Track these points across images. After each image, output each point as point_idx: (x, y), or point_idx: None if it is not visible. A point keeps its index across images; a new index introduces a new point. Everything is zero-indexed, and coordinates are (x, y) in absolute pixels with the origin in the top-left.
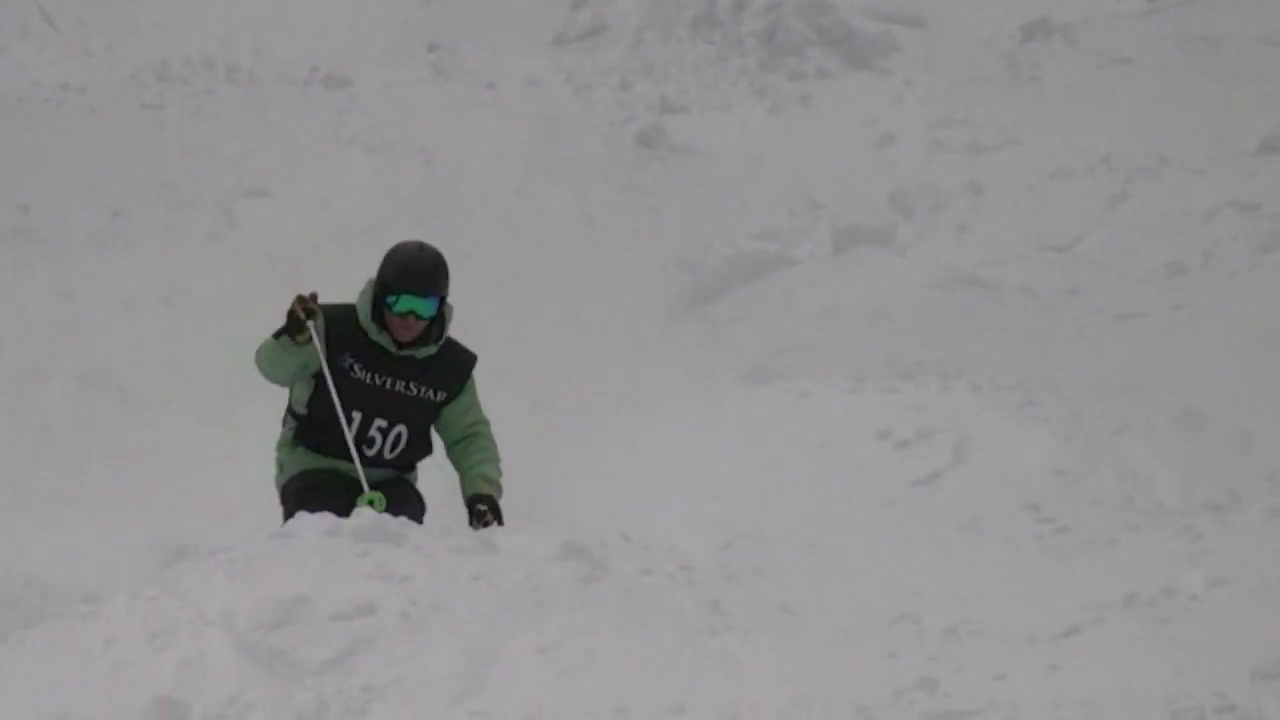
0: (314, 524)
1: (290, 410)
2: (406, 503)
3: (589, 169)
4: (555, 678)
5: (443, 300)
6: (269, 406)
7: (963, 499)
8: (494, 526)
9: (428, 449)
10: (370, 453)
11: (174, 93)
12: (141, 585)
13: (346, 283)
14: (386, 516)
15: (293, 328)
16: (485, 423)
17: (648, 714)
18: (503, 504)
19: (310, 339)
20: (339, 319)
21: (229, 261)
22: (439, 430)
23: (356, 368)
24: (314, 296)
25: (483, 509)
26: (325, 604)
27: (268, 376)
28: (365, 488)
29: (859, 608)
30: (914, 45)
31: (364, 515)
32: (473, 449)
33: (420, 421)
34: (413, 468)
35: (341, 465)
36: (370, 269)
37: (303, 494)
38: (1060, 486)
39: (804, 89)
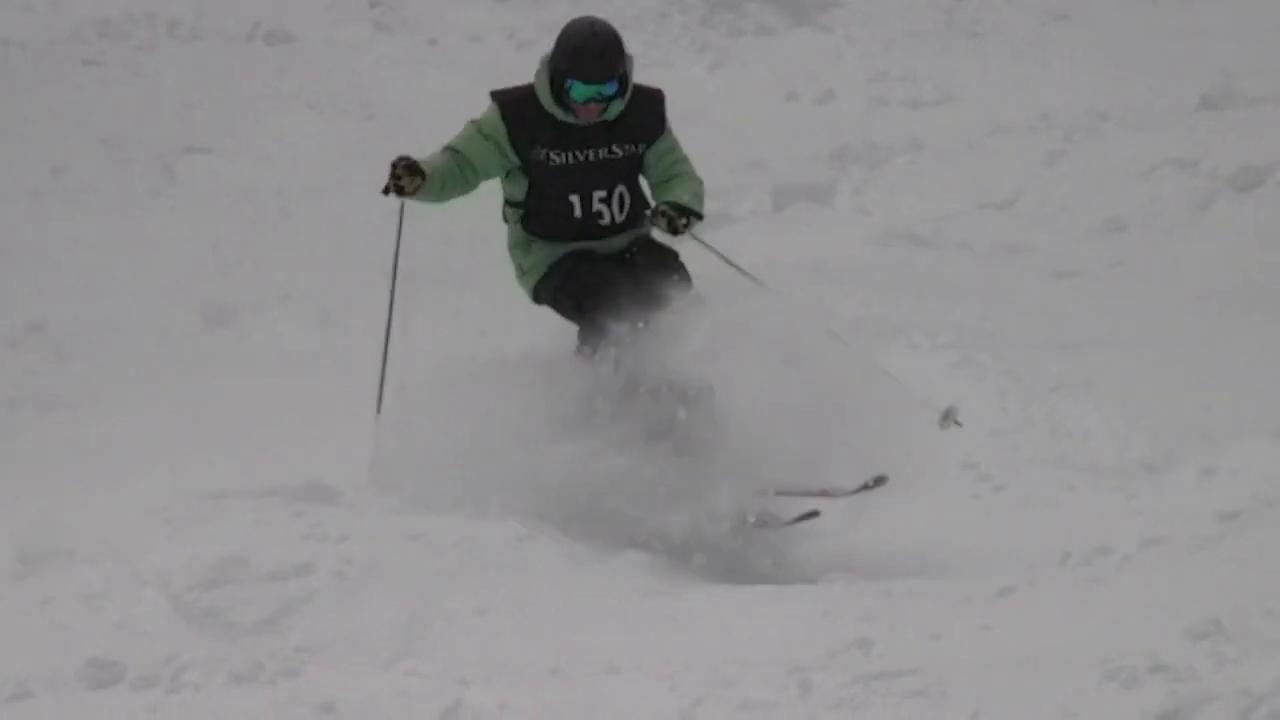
0: (253, 483)
1: (508, 202)
2: (664, 264)
3: None
4: (491, 638)
5: (623, 74)
6: (205, 364)
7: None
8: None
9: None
10: (604, 223)
11: (115, 49)
12: (77, 545)
13: (289, 236)
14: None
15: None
16: (687, 160)
17: (583, 674)
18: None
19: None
20: (521, 116)
21: (169, 217)
22: (644, 175)
23: (553, 155)
24: (405, 165)
25: (664, 208)
26: (261, 564)
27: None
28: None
29: (794, 567)
30: (854, 1)
31: None
32: (675, 185)
33: (635, 177)
34: (645, 223)
35: (579, 246)
36: (310, 224)
37: (568, 290)
38: (996, 445)
39: (744, 45)
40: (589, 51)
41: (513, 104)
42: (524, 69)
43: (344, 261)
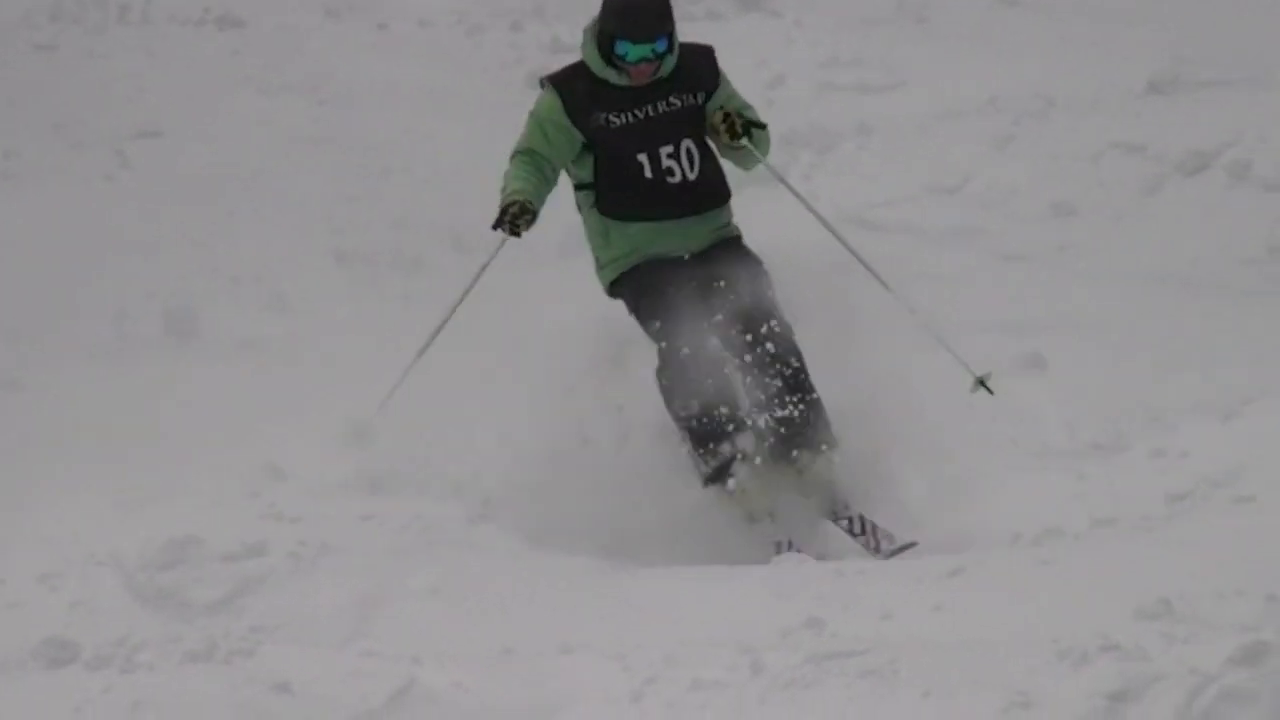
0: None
1: (578, 187)
2: (744, 268)
3: (480, 109)
4: (444, 618)
5: (670, 30)
6: (160, 348)
7: None
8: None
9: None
10: (675, 181)
11: (66, 33)
12: (31, 525)
13: (241, 220)
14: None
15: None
16: (751, 107)
17: (536, 654)
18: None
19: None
20: (575, 89)
21: (121, 201)
22: (709, 128)
23: (612, 118)
24: (524, 214)
25: (725, 108)
26: (215, 544)
27: None
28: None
29: (747, 547)
30: None
31: None
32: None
33: (700, 132)
34: (726, 199)
35: (656, 244)
36: (262, 208)
37: (647, 302)
38: (947, 427)
39: (694, 30)
40: (637, 11)
41: (563, 79)
42: (474, 54)
43: (297, 246)
